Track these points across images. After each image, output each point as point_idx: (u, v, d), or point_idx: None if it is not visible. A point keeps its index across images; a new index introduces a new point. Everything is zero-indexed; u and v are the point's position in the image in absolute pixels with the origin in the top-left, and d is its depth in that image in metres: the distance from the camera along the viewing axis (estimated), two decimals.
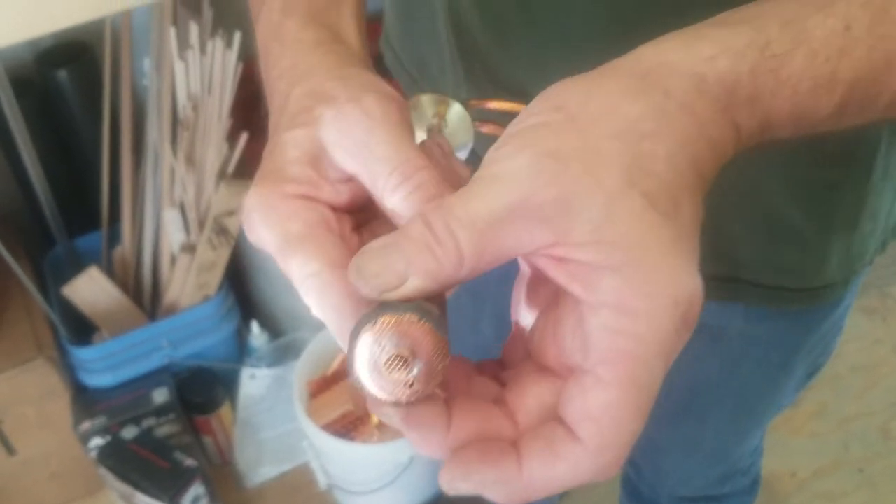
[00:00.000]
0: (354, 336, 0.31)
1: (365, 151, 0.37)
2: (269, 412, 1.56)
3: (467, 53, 0.60)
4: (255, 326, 1.56)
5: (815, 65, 0.33)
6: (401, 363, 0.30)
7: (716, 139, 0.32)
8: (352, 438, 1.38)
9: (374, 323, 0.30)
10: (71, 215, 1.42)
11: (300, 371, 1.43)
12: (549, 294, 0.35)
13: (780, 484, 1.56)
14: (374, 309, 0.31)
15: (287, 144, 0.38)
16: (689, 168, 0.31)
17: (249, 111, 1.49)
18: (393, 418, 0.32)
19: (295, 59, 0.42)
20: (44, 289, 1.40)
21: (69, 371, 1.41)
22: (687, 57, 0.33)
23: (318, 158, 0.38)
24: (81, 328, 1.42)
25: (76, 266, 1.39)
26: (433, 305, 0.31)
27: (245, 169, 1.37)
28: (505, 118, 0.56)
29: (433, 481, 1.51)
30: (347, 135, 0.37)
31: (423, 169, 0.36)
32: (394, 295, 0.31)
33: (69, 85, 1.38)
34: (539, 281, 0.35)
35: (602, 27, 0.51)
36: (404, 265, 0.30)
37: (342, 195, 0.38)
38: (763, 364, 0.74)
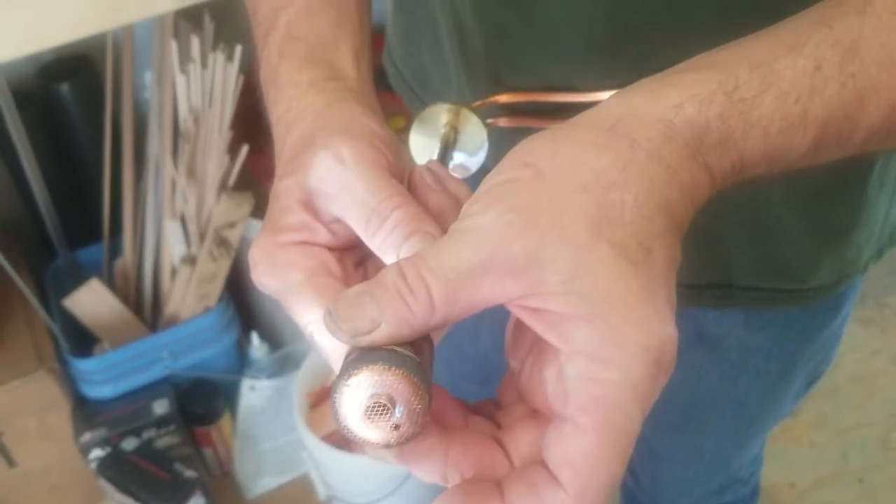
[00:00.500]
0: (334, 391, 0.32)
1: (344, 197, 0.39)
2: (269, 423, 1.56)
3: (472, 64, 0.60)
4: (255, 338, 1.56)
5: (786, 106, 0.34)
6: (381, 409, 0.32)
7: (687, 183, 0.33)
8: (352, 450, 1.38)
9: (349, 376, 0.32)
10: (72, 227, 1.42)
11: (300, 382, 1.44)
12: (533, 338, 0.36)
13: (779, 495, 1.56)
14: (351, 360, 0.32)
15: (281, 193, 0.40)
16: (658, 214, 0.32)
17: (250, 124, 1.49)
18: (388, 458, 0.34)
19: (289, 103, 0.44)
20: (45, 300, 1.41)
21: (70, 382, 1.41)
22: (654, 105, 0.33)
23: (309, 203, 0.40)
24: (82, 340, 1.42)
25: (77, 278, 1.39)
26: (409, 350, 0.32)
27: (246, 181, 1.37)
28: (517, 108, 0.57)
29: (433, 493, 1.51)
30: (327, 181, 0.39)
31: (399, 207, 0.37)
32: (366, 339, 0.32)
33: (71, 98, 1.39)
34: (523, 325, 0.36)
35: (602, 40, 0.52)
36: (377, 311, 0.32)
37: (338, 235, 0.40)
38: (763, 373, 0.75)
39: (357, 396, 0.32)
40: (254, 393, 1.56)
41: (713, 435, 0.85)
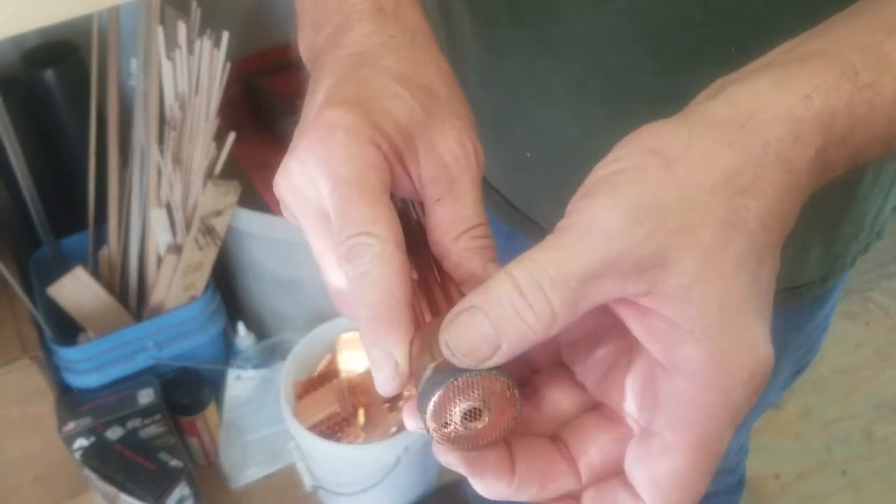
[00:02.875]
0: (435, 386, 0.31)
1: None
2: (255, 414, 1.56)
3: (457, 51, 0.60)
4: (241, 328, 1.56)
5: None
6: (476, 415, 0.32)
7: (805, 186, 0.32)
8: (338, 440, 1.38)
9: (456, 380, 0.31)
10: (57, 215, 1.41)
11: (287, 372, 1.43)
12: (595, 321, 0.34)
13: (764, 486, 1.57)
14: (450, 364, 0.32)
15: (384, 73, 0.38)
16: (776, 225, 0.31)
17: (237, 111, 1.49)
18: (459, 467, 0.33)
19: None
20: (29, 289, 1.40)
21: (54, 371, 1.40)
22: (782, 99, 0.32)
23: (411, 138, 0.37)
24: (67, 328, 1.41)
25: (62, 266, 1.38)
26: None
27: (232, 169, 1.37)
28: None
29: (419, 482, 1.51)
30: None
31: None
32: (490, 363, 0.30)
33: (56, 85, 1.38)
34: (602, 311, 0.34)
35: (588, 35, 0.52)
36: (495, 334, 0.30)
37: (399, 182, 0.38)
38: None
39: (459, 398, 0.31)
40: (240, 383, 1.56)
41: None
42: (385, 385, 0.33)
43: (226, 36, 1.24)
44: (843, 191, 0.60)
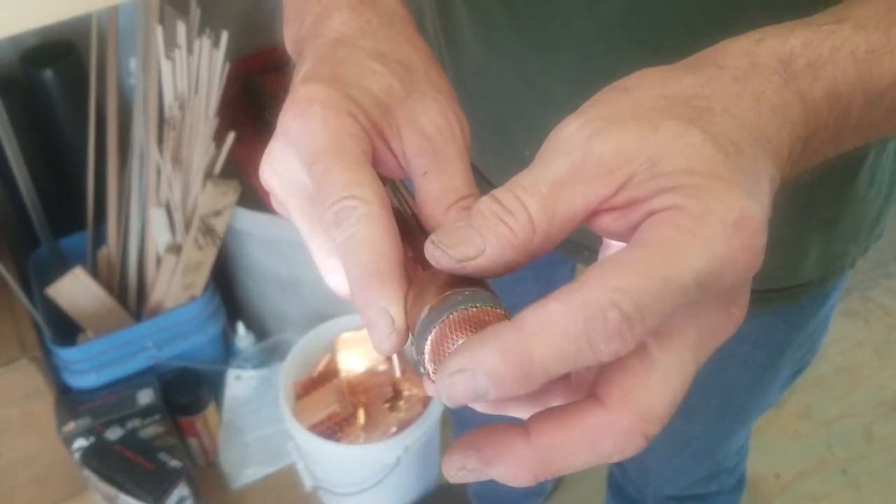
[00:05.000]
0: (430, 324, 0.31)
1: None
2: (254, 414, 1.56)
3: (456, 51, 0.60)
4: (240, 327, 1.56)
5: (867, 33, 0.34)
6: None
7: (778, 107, 0.32)
8: (338, 440, 1.38)
9: (451, 314, 0.30)
10: (55, 215, 1.41)
11: (286, 372, 1.43)
12: None
13: (764, 485, 1.57)
14: (449, 297, 0.31)
15: (361, 52, 0.38)
16: (748, 130, 0.31)
17: (237, 110, 1.49)
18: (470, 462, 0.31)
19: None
20: (28, 289, 1.39)
21: (53, 372, 1.40)
22: (737, 42, 0.33)
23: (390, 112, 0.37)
24: (66, 329, 1.41)
25: (61, 266, 1.38)
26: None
27: (232, 168, 1.37)
28: None
29: (419, 482, 1.51)
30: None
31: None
32: (473, 265, 0.31)
33: (55, 84, 1.38)
34: None
35: (583, 33, 0.52)
36: (479, 238, 0.30)
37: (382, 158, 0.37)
38: (750, 362, 0.75)
39: (458, 332, 0.30)
40: (239, 383, 1.56)
41: (700, 424, 0.85)
42: (383, 343, 0.32)
43: (225, 35, 1.24)
44: (840, 190, 0.60)
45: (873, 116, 0.35)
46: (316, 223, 0.37)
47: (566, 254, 0.72)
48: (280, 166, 0.37)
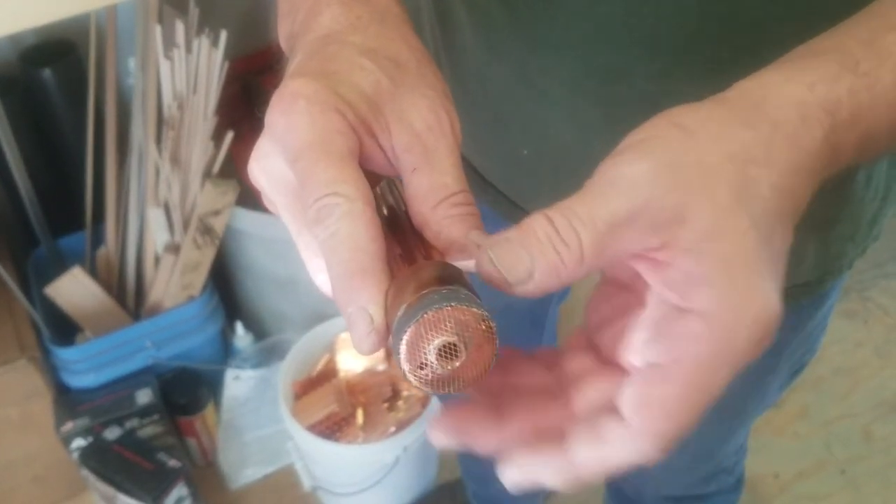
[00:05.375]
0: (406, 323, 0.30)
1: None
2: (253, 413, 1.56)
3: (455, 51, 0.60)
4: (239, 327, 1.56)
5: None
6: (452, 352, 0.31)
7: (815, 169, 0.34)
8: (337, 439, 1.38)
9: (426, 313, 0.30)
10: (54, 215, 1.41)
11: (285, 372, 1.43)
12: (622, 300, 0.36)
13: (763, 485, 1.57)
14: (426, 296, 0.30)
15: (352, 48, 0.38)
16: (788, 197, 0.33)
17: (235, 110, 1.49)
18: (440, 436, 0.34)
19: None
20: (27, 289, 1.39)
21: (52, 371, 1.40)
22: (789, 86, 0.34)
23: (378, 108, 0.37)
24: (64, 328, 1.41)
25: (59, 266, 1.38)
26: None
27: (231, 168, 1.36)
28: None
29: (418, 482, 1.51)
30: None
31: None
32: (522, 289, 0.31)
33: (53, 84, 1.37)
34: (613, 284, 0.37)
35: (582, 34, 0.52)
36: (530, 262, 0.31)
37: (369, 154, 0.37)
38: (749, 363, 0.75)
39: (433, 331, 0.30)
40: (238, 383, 1.56)
41: (699, 424, 0.85)
42: (362, 343, 0.32)
43: (224, 35, 1.24)
44: (837, 190, 0.60)
45: (891, 145, 0.37)
46: (302, 221, 0.37)
47: None
48: (267, 163, 0.36)
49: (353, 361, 1.48)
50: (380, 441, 1.35)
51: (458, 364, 0.31)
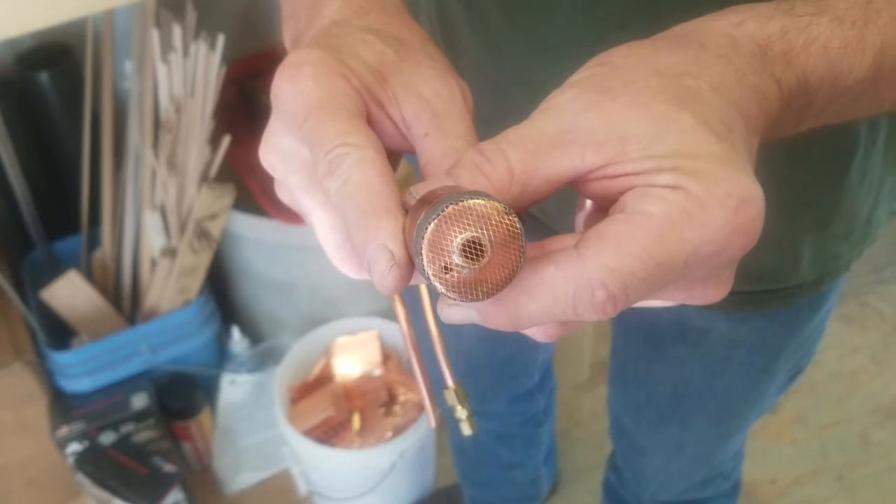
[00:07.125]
0: (426, 221, 0.29)
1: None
2: (249, 418, 1.55)
3: (453, 52, 0.60)
4: (235, 332, 1.55)
5: (843, 28, 0.34)
6: (477, 250, 0.29)
7: (758, 86, 0.33)
8: (333, 444, 1.38)
9: (447, 207, 0.28)
10: (50, 218, 1.41)
11: (281, 377, 1.43)
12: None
13: (760, 491, 1.57)
14: (444, 199, 0.29)
15: (358, 28, 0.38)
16: (732, 107, 0.32)
17: (232, 114, 1.48)
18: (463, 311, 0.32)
19: None
20: (22, 292, 1.39)
21: (47, 376, 1.40)
22: (717, 23, 0.34)
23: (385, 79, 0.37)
24: (60, 332, 1.40)
25: (55, 270, 1.37)
26: None
27: (227, 172, 1.36)
28: None
29: (415, 487, 1.51)
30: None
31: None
32: None
33: (50, 87, 1.37)
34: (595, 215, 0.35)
35: (580, 35, 0.52)
36: (453, 182, 0.31)
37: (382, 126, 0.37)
38: (746, 366, 0.75)
39: (456, 226, 0.28)
40: (234, 387, 1.55)
41: (696, 429, 0.85)
42: (384, 279, 0.30)
43: (221, 38, 1.23)
44: (831, 188, 0.60)
45: (836, 107, 0.36)
46: (317, 193, 0.36)
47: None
48: (277, 141, 0.37)
49: (349, 366, 1.48)
50: (376, 446, 1.35)
51: (484, 261, 0.29)
